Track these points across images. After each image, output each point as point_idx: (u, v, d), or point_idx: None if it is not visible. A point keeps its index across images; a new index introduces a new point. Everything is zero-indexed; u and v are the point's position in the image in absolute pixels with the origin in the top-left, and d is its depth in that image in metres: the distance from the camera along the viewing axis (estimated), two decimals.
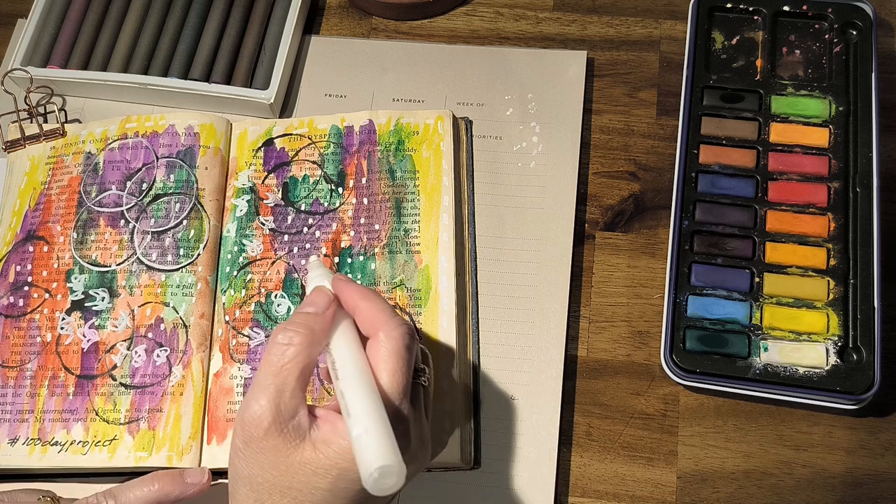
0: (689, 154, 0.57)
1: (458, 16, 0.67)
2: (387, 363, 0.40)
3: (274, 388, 0.39)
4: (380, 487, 0.36)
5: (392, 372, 0.39)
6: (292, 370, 0.40)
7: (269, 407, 0.39)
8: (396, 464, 0.36)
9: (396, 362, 0.40)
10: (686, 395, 0.55)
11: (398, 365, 0.40)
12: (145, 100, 0.64)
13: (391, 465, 0.35)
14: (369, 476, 0.36)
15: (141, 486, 0.48)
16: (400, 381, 0.39)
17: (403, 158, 0.59)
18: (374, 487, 0.36)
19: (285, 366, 0.40)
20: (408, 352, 0.40)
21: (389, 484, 0.36)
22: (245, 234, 0.58)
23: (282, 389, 0.39)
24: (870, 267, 0.53)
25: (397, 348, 0.40)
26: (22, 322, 0.56)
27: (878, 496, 0.51)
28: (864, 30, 0.59)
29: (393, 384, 0.39)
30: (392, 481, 0.36)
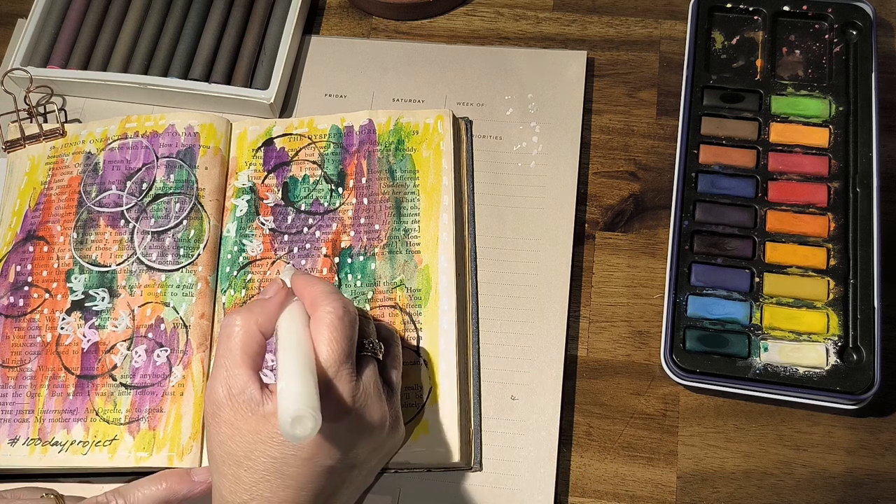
0: (689, 154, 0.57)
1: (458, 16, 0.67)
2: (322, 335, 0.43)
3: (222, 366, 0.43)
4: (294, 434, 0.38)
5: (327, 342, 0.42)
6: (235, 348, 0.43)
7: (219, 384, 0.43)
8: (310, 410, 0.38)
9: (331, 333, 0.43)
10: (686, 395, 0.55)
11: (332, 335, 0.43)
12: (145, 100, 0.64)
13: (303, 411, 0.38)
14: (283, 422, 0.38)
15: (149, 484, 0.49)
16: (335, 350, 0.42)
17: (403, 158, 0.59)
18: (289, 434, 0.38)
19: (229, 345, 0.43)
20: (341, 322, 0.43)
21: (304, 431, 0.38)
22: (245, 234, 0.58)
23: (228, 366, 0.43)
24: (870, 267, 0.53)
25: (331, 321, 0.43)
26: (22, 322, 0.56)
27: (878, 496, 0.52)
28: (864, 30, 0.59)
29: (328, 353, 0.42)
30: (306, 428, 0.38)
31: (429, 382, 0.53)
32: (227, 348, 0.43)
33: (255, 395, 0.42)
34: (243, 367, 0.43)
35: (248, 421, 0.42)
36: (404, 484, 0.53)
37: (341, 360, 0.42)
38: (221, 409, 0.43)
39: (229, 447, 0.42)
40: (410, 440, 0.52)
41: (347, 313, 0.44)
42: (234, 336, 0.43)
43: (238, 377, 0.43)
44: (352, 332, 0.44)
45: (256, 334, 0.44)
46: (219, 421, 0.43)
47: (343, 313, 0.43)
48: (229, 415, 0.42)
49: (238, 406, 0.42)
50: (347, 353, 0.43)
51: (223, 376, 0.43)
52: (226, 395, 0.42)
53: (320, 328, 0.43)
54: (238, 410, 0.42)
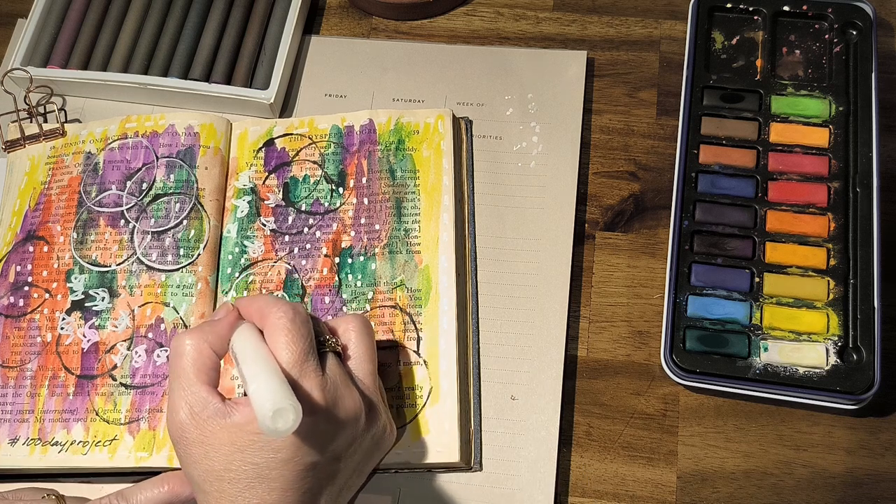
0: (689, 154, 0.57)
1: (458, 16, 0.67)
2: (278, 340, 0.42)
3: (178, 387, 0.43)
4: (276, 428, 0.38)
5: (285, 344, 0.42)
6: (188, 366, 0.43)
7: (181, 405, 0.42)
8: (289, 402, 0.38)
9: (286, 336, 0.42)
10: (686, 395, 0.55)
11: (288, 337, 0.42)
12: (145, 100, 0.64)
13: (282, 403, 0.38)
14: (264, 419, 0.38)
15: (151, 487, 0.49)
16: (295, 350, 0.42)
17: (404, 158, 0.59)
18: (272, 429, 0.38)
19: (181, 364, 0.43)
20: (293, 323, 0.43)
21: (287, 423, 0.38)
22: (246, 235, 0.58)
23: (184, 386, 0.42)
24: (870, 267, 0.53)
25: (283, 324, 0.43)
26: (22, 322, 0.56)
27: (878, 496, 0.52)
28: (864, 30, 0.59)
29: (288, 354, 0.42)
30: (289, 420, 0.38)
31: (429, 382, 0.53)
32: (181, 367, 0.43)
33: (219, 408, 0.42)
34: (199, 384, 0.43)
35: (219, 434, 0.41)
36: (404, 484, 0.53)
37: (303, 360, 0.42)
38: (186, 431, 0.42)
39: (206, 465, 0.42)
40: (410, 440, 0.52)
41: (297, 313, 0.44)
42: (185, 355, 0.43)
43: (196, 394, 0.42)
44: (306, 331, 0.43)
45: (207, 351, 0.43)
46: (187, 443, 0.42)
47: (293, 314, 0.43)
48: (196, 434, 0.42)
49: (203, 422, 0.42)
50: (306, 350, 0.43)
51: (181, 396, 0.42)
52: (188, 414, 0.42)
53: (275, 334, 0.43)
54: (204, 427, 0.42)
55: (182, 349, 0.43)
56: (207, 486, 0.42)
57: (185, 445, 0.42)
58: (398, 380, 0.53)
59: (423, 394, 0.53)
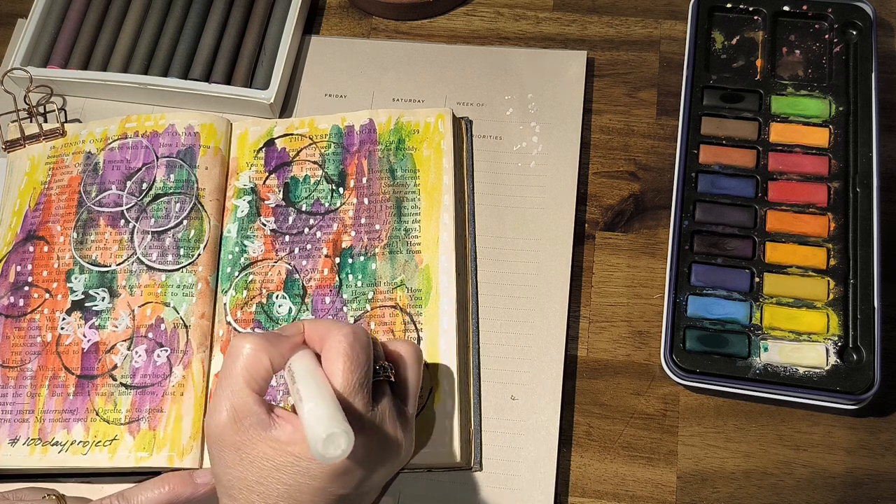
0: (689, 154, 0.57)
1: (458, 16, 0.67)
2: (335, 365, 0.41)
3: (227, 387, 0.42)
4: (327, 454, 0.37)
5: (340, 371, 0.41)
6: (241, 369, 0.41)
7: (225, 406, 0.41)
8: (343, 431, 0.37)
9: (343, 362, 0.41)
10: (686, 395, 0.55)
11: (345, 365, 0.41)
12: (145, 100, 0.64)
13: (336, 429, 0.37)
14: (316, 443, 0.37)
15: (152, 487, 0.49)
16: (349, 379, 0.41)
17: (404, 157, 0.59)
18: (322, 455, 0.37)
19: (235, 366, 0.42)
20: (352, 349, 0.42)
21: (337, 451, 0.37)
22: (246, 235, 0.58)
23: (234, 390, 0.41)
24: (870, 267, 0.53)
25: (342, 349, 0.42)
26: (22, 322, 0.56)
27: (878, 496, 0.52)
28: (864, 30, 0.59)
29: (342, 382, 0.41)
30: (340, 448, 0.37)
31: (429, 382, 0.53)
32: (234, 369, 0.42)
33: (263, 419, 0.41)
34: (248, 390, 0.41)
35: (258, 445, 0.41)
36: (404, 484, 0.53)
37: (357, 388, 0.41)
38: (225, 433, 0.41)
39: (238, 472, 0.41)
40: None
41: (358, 338, 0.42)
42: (241, 357, 0.42)
43: (244, 399, 0.41)
44: (365, 358, 0.42)
45: (265, 361, 0.42)
46: (222, 445, 0.41)
47: (354, 339, 0.42)
48: (235, 439, 0.41)
49: (245, 429, 0.41)
50: (361, 381, 0.42)
51: (227, 397, 0.41)
52: (230, 417, 0.41)
53: (333, 358, 0.42)
54: (245, 434, 0.41)
55: (240, 351, 0.42)
56: (236, 492, 0.41)
57: (219, 448, 0.41)
58: None
59: (423, 394, 0.53)
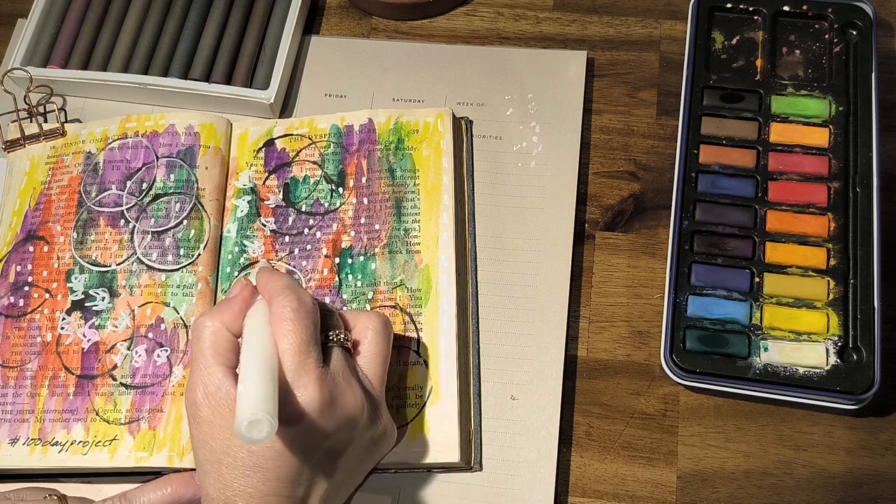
0: (689, 154, 0.57)
1: (458, 16, 0.67)
2: (281, 328, 0.43)
3: (197, 368, 0.44)
4: (250, 437, 0.39)
5: (286, 333, 0.43)
6: (206, 348, 0.44)
7: (197, 384, 0.44)
8: (265, 414, 0.39)
9: (288, 325, 0.43)
10: (686, 395, 0.55)
11: (290, 327, 0.43)
12: (145, 100, 0.64)
13: (258, 415, 0.39)
14: (239, 425, 0.39)
15: (155, 489, 0.49)
16: (295, 340, 0.43)
17: (403, 157, 0.59)
18: (245, 437, 0.39)
19: (200, 347, 0.44)
20: (296, 314, 0.44)
21: (259, 434, 0.39)
22: (246, 235, 0.58)
23: (202, 367, 0.44)
24: (870, 267, 0.53)
25: (286, 313, 0.43)
26: (22, 322, 0.56)
27: (878, 496, 0.52)
28: (864, 30, 0.59)
29: (289, 343, 0.43)
30: (262, 431, 0.39)
31: (429, 382, 0.53)
32: (199, 349, 0.44)
33: (230, 392, 0.43)
34: (216, 366, 0.44)
35: (227, 418, 0.43)
36: (404, 484, 0.53)
37: (303, 350, 0.43)
38: (200, 409, 0.43)
39: (210, 446, 0.43)
40: (410, 440, 0.52)
41: (302, 304, 0.44)
42: (204, 337, 0.44)
43: (213, 376, 0.43)
44: (310, 322, 0.44)
45: (224, 332, 0.45)
46: (199, 421, 0.44)
47: (298, 305, 0.44)
48: (207, 413, 0.43)
49: (215, 404, 0.43)
50: (307, 341, 0.43)
51: (198, 376, 0.44)
52: (203, 394, 0.43)
53: (279, 322, 0.44)
54: (215, 408, 0.43)
55: (201, 332, 0.45)
56: (208, 466, 0.43)
57: (197, 424, 0.44)
58: (398, 380, 0.53)
59: (423, 394, 0.53)
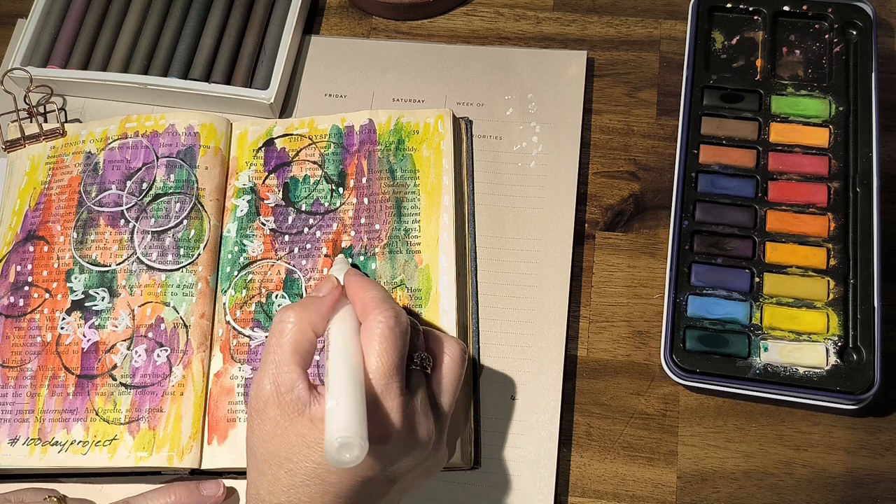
0: (689, 154, 0.57)
1: (458, 16, 0.67)
2: (372, 345, 0.42)
3: (271, 362, 0.42)
4: (339, 459, 0.37)
5: (377, 353, 0.41)
6: (286, 344, 0.42)
7: (267, 380, 0.42)
8: (358, 438, 0.37)
9: (381, 344, 0.41)
10: (686, 395, 0.55)
11: (382, 347, 0.41)
12: (145, 100, 0.64)
13: (352, 439, 0.37)
14: (330, 446, 0.37)
15: (158, 497, 0.49)
16: (385, 362, 0.41)
17: (404, 158, 0.59)
18: (334, 458, 0.37)
19: (280, 342, 0.42)
20: (392, 333, 0.42)
21: (349, 457, 0.37)
22: (246, 235, 0.58)
23: (278, 363, 0.42)
24: (870, 267, 0.53)
25: (381, 331, 0.42)
26: (22, 322, 0.56)
27: (878, 496, 0.52)
28: (864, 30, 0.59)
29: (377, 365, 0.41)
30: (353, 455, 0.37)
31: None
32: (279, 344, 0.42)
33: (303, 395, 0.41)
34: (293, 365, 0.42)
35: (295, 422, 0.41)
36: None
37: (391, 374, 0.41)
38: (267, 406, 0.42)
39: (272, 446, 0.41)
40: None
41: (399, 324, 0.42)
42: (286, 332, 0.43)
43: (287, 374, 0.42)
44: (402, 344, 0.42)
45: (308, 332, 0.43)
46: (263, 418, 0.42)
47: (395, 324, 0.42)
48: (275, 413, 0.41)
49: (285, 405, 0.41)
50: (397, 366, 0.42)
51: (272, 372, 0.42)
52: (273, 391, 0.41)
53: (371, 338, 0.42)
54: (284, 409, 0.41)
55: (283, 325, 0.43)
56: (266, 466, 0.42)
57: (260, 420, 0.42)
58: None
59: None
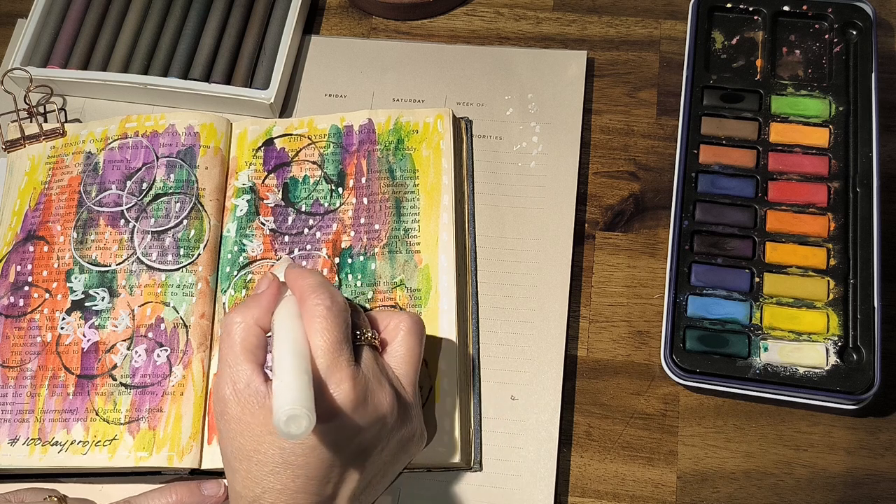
0: (689, 154, 0.57)
1: (458, 16, 0.67)
2: (313, 325, 0.43)
3: (225, 364, 0.44)
4: (288, 432, 0.38)
5: (320, 331, 0.43)
6: (235, 344, 0.44)
7: (224, 381, 0.44)
8: (304, 409, 0.38)
9: (321, 323, 0.43)
10: (686, 395, 0.55)
11: (323, 325, 0.43)
12: (145, 100, 0.64)
13: (297, 410, 0.38)
14: (278, 420, 0.38)
15: (159, 497, 0.49)
16: (328, 338, 0.43)
17: (403, 157, 0.59)
18: (284, 432, 0.38)
19: (230, 343, 0.44)
20: (329, 312, 0.43)
21: (298, 429, 0.38)
22: (245, 235, 0.58)
23: (231, 363, 0.44)
24: (870, 267, 0.53)
25: (320, 311, 0.43)
26: (22, 322, 0.56)
27: (878, 496, 0.52)
28: (864, 30, 0.59)
29: (322, 341, 0.43)
30: (301, 426, 0.38)
31: (429, 382, 0.53)
32: (228, 345, 0.44)
33: (259, 389, 0.43)
34: (245, 363, 0.44)
35: (256, 415, 0.43)
36: (404, 484, 0.53)
37: (335, 349, 0.43)
38: (228, 406, 0.43)
39: (239, 443, 0.43)
40: None
41: (335, 303, 0.44)
42: (233, 333, 0.44)
43: (241, 372, 0.43)
44: (342, 320, 0.44)
45: (255, 328, 0.45)
46: (227, 418, 0.43)
47: (331, 303, 0.44)
48: (236, 410, 0.43)
49: (244, 401, 0.43)
50: (340, 340, 0.43)
51: (227, 373, 0.44)
52: (231, 391, 0.43)
53: (311, 320, 0.43)
54: (244, 405, 0.43)
55: (230, 327, 0.45)
56: (237, 463, 0.43)
57: (225, 421, 0.44)
58: None
59: (423, 393, 0.53)
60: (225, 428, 0.44)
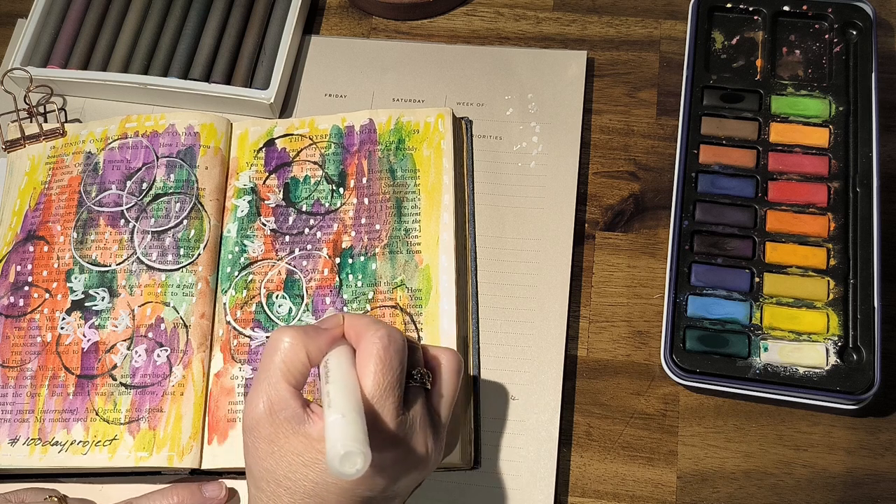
0: (689, 154, 0.57)
1: (458, 16, 0.67)
2: (367, 367, 0.41)
3: (265, 379, 0.42)
4: (342, 471, 0.37)
5: (371, 374, 0.41)
6: (279, 363, 0.42)
7: (260, 397, 0.41)
8: (362, 450, 0.37)
9: (376, 364, 0.41)
10: (686, 395, 0.55)
11: (378, 367, 0.41)
12: (145, 100, 0.64)
13: (355, 448, 0.37)
14: (333, 457, 0.37)
15: (160, 499, 0.49)
16: (380, 382, 0.41)
17: (404, 157, 0.59)
18: (337, 470, 0.37)
19: (274, 359, 0.42)
20: (386, 352, 0.42)
21: (353, 468, 0.37)
22: (246, 235, 0.58)
23: (271, 380, 0.41)
24: (870, 267, 0.53)
25: (375, 351, 0.41)
26: (22, 322, 0.56)
27: (878, 496, 0.52)
28: (864, 30, 0.59)
29: (373, 385, 0.41)
30: (355, 467, 0.37)
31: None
32: (272, 362, 0.42)
33: (297, 413, 0.41)
34: (285, 383, 0.41)
35: (290, 440, 0.41)
36: None
37: (386, 393, 0.41)
38: (260, 425, 0.41)
39: (269, 464, 0.41)
40: None
41: (393, 342, 0.42)
42: (280, 351, 0.42)
43: (280, 392, 0.41)
44: (398, 362, 0.42)
45: (302, 355, 0.42)
46: (256, 436, 0.41)
47: (388, 342, 0.42)
48: (269, 431, 0.41)
49: (279, 423, 0.41)
50: (393, 385, 0.41)
51: (263, 388, 0.41)
52: (266, 409, 0.41)
53: (366, 360, 0.41)
54: (279, 427, 0.41)
55: (279, 345, 0.42)
56: (264, 484, 0.41)
57: (254, 439, 0.42)
58: None
59: None
60: (253, 446, 0.42)
